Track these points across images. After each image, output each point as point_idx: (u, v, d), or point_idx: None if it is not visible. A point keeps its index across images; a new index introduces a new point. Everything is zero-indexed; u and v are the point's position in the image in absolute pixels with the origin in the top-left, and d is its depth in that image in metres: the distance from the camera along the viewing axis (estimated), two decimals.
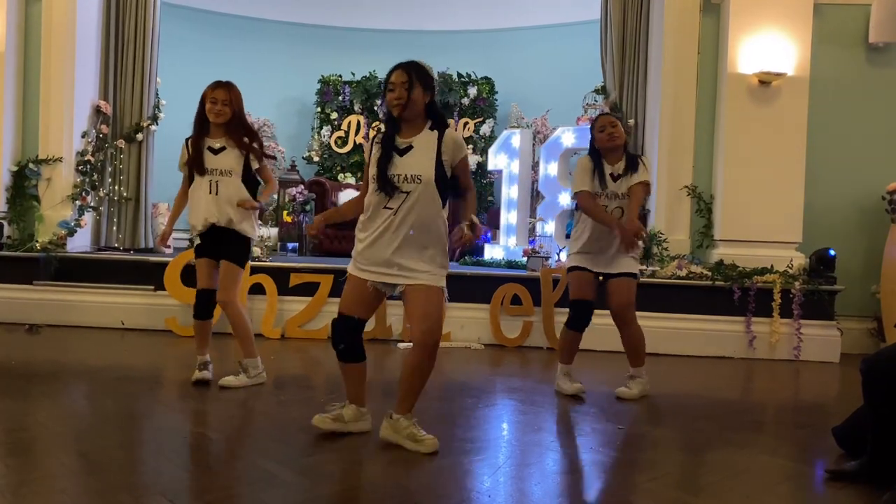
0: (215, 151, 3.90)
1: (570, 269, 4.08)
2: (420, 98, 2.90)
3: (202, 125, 3.92)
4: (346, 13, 9.46)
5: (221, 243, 3.93)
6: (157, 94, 6.99)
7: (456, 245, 2.97)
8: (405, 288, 2.92)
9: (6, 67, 6.27)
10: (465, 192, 3.07)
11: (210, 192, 3.87)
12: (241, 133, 3.93)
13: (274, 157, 3.99)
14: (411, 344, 2.99)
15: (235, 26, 9.29)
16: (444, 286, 2.97)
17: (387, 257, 2.90)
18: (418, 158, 2.90)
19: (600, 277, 4.04)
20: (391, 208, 2.88)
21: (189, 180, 3.99)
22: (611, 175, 3.96)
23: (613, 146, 3.95)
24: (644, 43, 6.46)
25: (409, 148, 2.91)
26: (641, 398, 4.04)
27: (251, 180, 4.00)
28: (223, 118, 3.87)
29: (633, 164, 3.96)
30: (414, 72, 2.89)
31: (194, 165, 3.90)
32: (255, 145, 3.96)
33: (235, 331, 4.00)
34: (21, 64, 6.43)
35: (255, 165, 3.98)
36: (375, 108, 9.16)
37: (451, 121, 8.97)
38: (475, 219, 2.95)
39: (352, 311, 3.00)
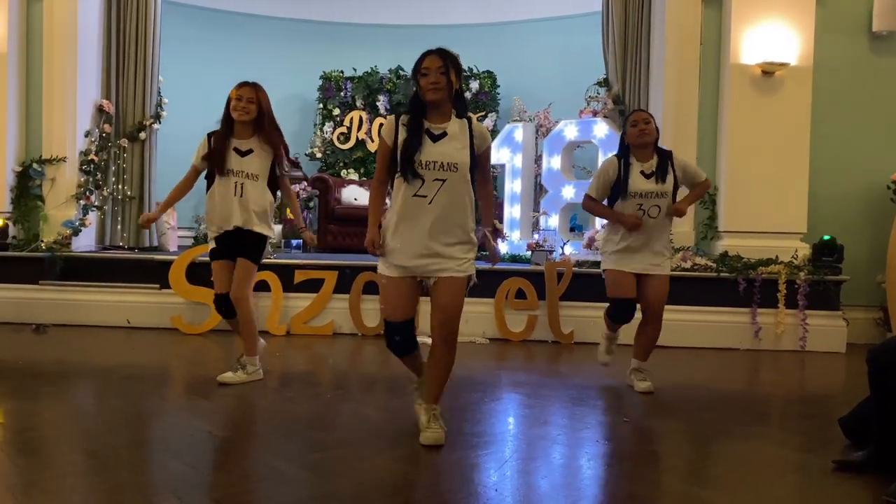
0: (242, 153, 3.85)
1: (608, 269, 4.03)
2: (454, 84, 2.89)
3: (228, 125, 3.87)
4: (347, 9, 9.43)
5: (239, 241, 3.91)
6: (160, 93, 7.00)
7: (493, 262, 3.05)
8: (435, 280, 2.91)
9: (8, 68, 6.27)
10: (485, 183, 3.07)
11: (235, 195, 3.83)
12: (272, 132, 3.88)
13: (297, 165, 3.99)
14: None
15: (236, 23, 9.28)
16: (473, 273, 2.98)
17: (422, 249, 2.86)
18: (455, 146, 2.87)
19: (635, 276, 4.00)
20: (424, 196, 2.83)
21: (208, 179, 3.96)
22: (642, 173, 3.89)
23: (643, 143, 3.91)
24: (646, 34, 6.43)
25: (444, 135, 2.88)
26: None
27: (272, 184, 3.97)
28: (248, 116, 3.81)
29: (664, 162, 3.91)
30: (448, 57, 2.88)
31: (214, 163, 3.85)
32: (282, 149, 3.93)
33: (242, 328, 3.99)
34: (23, 64, 6.44)
35: (278, 171, 3.95)
36: (377, 103, 9.15)
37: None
38: (498, 224, 2.98)
39: (405, 314, 2.96)
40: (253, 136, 3.87)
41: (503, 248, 7.07)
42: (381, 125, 3.02)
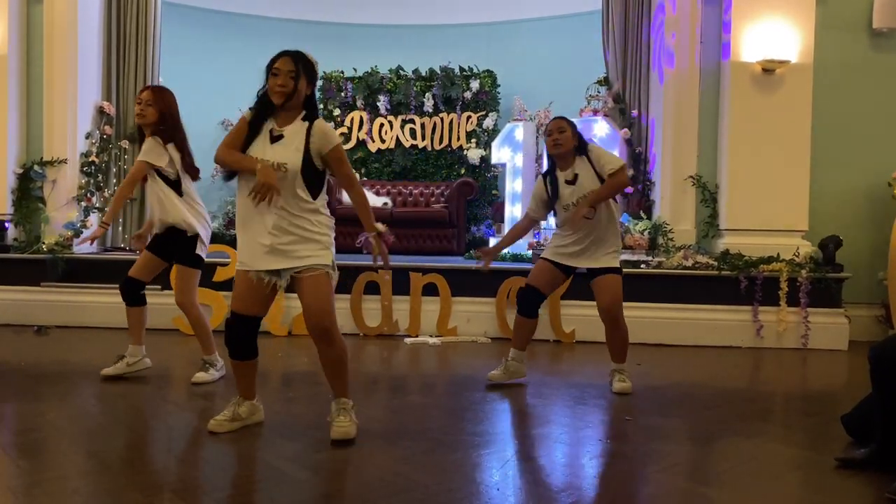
0: None
1: (541, 257, 4.09)
2: (303, 90, 2.92)
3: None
4: (347, 9, 9.44)
5: (172, 245, 3.99)
6: None
7: (385, 264, 3.03)
8: (295, 278, 2.93)
9: (8, 69, 6.28)
10: (349, 186, 3.00)
11: (150, 192, 4.00)
12: (164, 132, 3.90)
13: (195, 176, 4.00)
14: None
15: (236, 23, 9.28)
16: (331, 267, 2.96)
17: (262, 244, 2.88)
18: (287, 148, 2.89)
19: (574, 271, 4.04)
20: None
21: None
22: (566, 181, 3.88)
23: (557, 154, 3.88)
24: (646, 33, 6.43)
25: (281, 137, 2.91)
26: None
27: (174, 182, 3.94)
28: (143, 120, 3.91)
29: (582, 161, 3.85)
30: (301, 62, 2.92)
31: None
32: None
33: (195, 331, 4.13)
34: (23, 66, 6.44)
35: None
36: (378, 103, 9.14)
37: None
38: (380, 227, 2.94)
39: (246, 309, 2.99)
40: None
41: None
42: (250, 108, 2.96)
